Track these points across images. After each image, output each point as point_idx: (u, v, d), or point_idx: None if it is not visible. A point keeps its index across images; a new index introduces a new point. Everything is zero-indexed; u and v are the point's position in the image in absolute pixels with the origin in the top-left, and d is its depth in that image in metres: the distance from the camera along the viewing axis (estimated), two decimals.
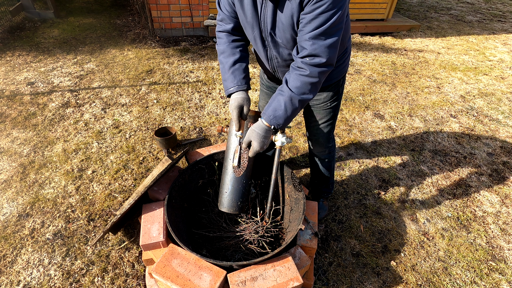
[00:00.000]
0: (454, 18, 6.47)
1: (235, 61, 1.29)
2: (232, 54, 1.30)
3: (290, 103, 1.14)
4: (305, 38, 1.06)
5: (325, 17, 1.00)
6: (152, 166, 2.39)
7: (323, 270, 1.77)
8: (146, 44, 4.36)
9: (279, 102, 1.15)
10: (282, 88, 1.17)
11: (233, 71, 1.28)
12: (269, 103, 1.20)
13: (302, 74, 1.11)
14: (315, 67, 1.09)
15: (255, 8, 1.18)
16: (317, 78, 1.11)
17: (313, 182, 2.03)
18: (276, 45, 1.26)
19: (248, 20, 1.22)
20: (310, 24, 1.03)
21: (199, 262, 1.26)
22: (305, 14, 1.04)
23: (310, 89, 1.14)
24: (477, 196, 2.31)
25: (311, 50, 1.06)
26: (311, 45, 1.06)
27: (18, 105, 2.95)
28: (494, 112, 3.34)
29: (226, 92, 1.31)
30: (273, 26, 1.18)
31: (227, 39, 1.32)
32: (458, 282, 1.75)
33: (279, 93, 1.17)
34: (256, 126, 1.21)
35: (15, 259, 1.73)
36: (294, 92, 1.13)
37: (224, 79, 1.31)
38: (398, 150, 2.72)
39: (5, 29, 4.32)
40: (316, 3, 1.00)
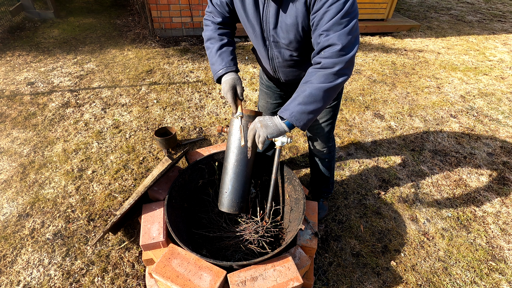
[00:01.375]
0: (454, 18, 6.47)
1: (222, 45, 1.30)
2: (219, 40, 1.31)
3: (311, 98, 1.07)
4: (319, 32, 1.03)
5: (337, 6, 0.98)
6: (152, 166, 2.39)
7: (323, 270, 1.77)
8: (146, 44, 4.36)
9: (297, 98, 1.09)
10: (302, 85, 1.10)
11: (220, 53, 1.28)
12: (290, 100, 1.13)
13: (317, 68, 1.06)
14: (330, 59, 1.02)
15: (256, 7, 1.18)
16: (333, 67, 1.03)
17: (313, 182, 2.03)
18: (278, 45, 1.26)
19: (250, 19, 1.22)
20: (323, 18, 1.01)
21: (199, 262, 1.26)
22: (316, 12, 1.03)
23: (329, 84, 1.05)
24: (477, 196, 2.31)
25: (324, 41, 1.02)
26: (324, 37, 1.02)
27: (18, 105, 2.95)
28: (494, 112, 3.34)
29: (215, 76, 1.29)
30: (275, 26, 1.18)
31: (214, 26, 1.34)
32: (458, 282, 1.75)
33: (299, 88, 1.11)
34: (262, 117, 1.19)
35: (15, 259, 1.73)
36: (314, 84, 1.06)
37: (212, 63, 1.30)
38: (398, 150, 2.72)
39: (5, 29, 4.32)
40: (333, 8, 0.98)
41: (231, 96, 1.26)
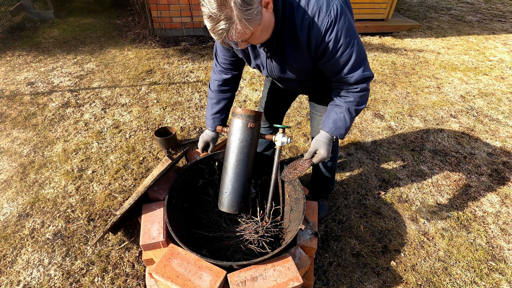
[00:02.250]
0: (454, 18, 6.47)
1: (218, 111, 1.56)
2: (217, 103, 1.56)
3: (349, 115, 1.24)
4: (346, 75, 1.16)
5: (349, 53, 1.09)
6: (152, 166, 2.38)
7: (323, 270, 1.77)
8: (146, 44, 4.36)
9: (338, 115, 1.24)
10: (336, 103, 1.27)
11: (213, 118, 1.57)
12: (326, 116, 1.29)
13: (354, 91, 1.21)
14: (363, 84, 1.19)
15: (259, 59, 1.27)
16: (367, 89, 1.21)
17: (313, 182, 2.03)
18: (287, 80, 1.36)
19: (255, 67, 1.35)
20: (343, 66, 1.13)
21: (199, 262, 1.26)
22: (328, 61, 1.13)
23: (365, 99, 1.25)
24: (477, 196, 2.31)
25: (355, 80, 1.16)
26: (352, 77, 1.15)
27: (18, 105, 2.95)
28: (494, 112, 3.34)
29: (206, 125, 1.61)
30: (282, 72, 1.28)
31: (218, 88, 1.53)
32: (458, 282, 1.75)
33: (336, 105, 1.26)
34: (321, 136, 1.28)
35: (15, 259, 1.73)
36: (353, 105, 1.23)
37: (206, 117, 1.60)
38: (398, 150, 2.72)
39: (5, 29, 4.32)
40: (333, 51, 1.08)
41: (201, 147, 1.61)
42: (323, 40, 1.06)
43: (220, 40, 0.96)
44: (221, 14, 0.87)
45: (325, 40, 1.06)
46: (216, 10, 0.86)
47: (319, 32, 1.04)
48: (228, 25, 0.89)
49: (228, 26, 0.89)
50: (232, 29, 0.90)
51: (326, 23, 1.02)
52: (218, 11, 0.86)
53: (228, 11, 0.86)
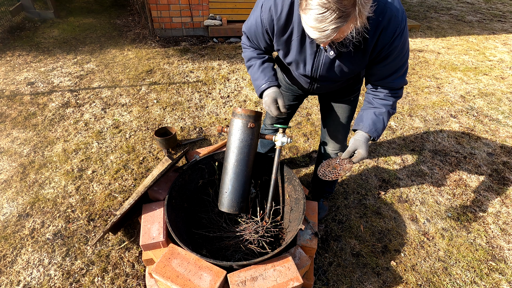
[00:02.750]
0: (454, 18, 6.47)
1: (264, 61, 1.35)
2: (260, 58, 1.36)
3: (387, 118, 1.29)
4: (393, 79, 1.20)
5: (402, 62, 1.15)
6: (152, 166, 2.39)
7: (323, 270, 1.77)
8: (146, 44, 4.36)
9: (378, 118, 1.28)
10: (376, 105, 1.29)
11: (262, 69, 1.33)
12: (365, 118, 1.30)
13: (394, 96, 1.27)
14: (402, 90, 1.29)
15: (303, 55, 1.21)
16: (401, 96, 1.31)
17: (316, 182, 2.02)
18: (324, 80, 1.32)
19: (292, 62, 1.27)
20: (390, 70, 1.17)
21: (199, 262, 1.26)
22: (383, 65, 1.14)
23: (396, 106, 1.32)
24: (477, 196, 2.31)
25: (400, 84, 1.23)
26: (400, 82, 1.21)
27: (18, 105, 2.95)
28: (494, 112, 3.34)
29: (257, 90, 1.35)
30: (328, 72, 1.24)
31: (253, 49, 1.38)
32: (458, 282, 1.75)
33: (375, 110, 1.29)
34: (360, 136, 1.28)
35: (15, 259, 1.73)
36: (391, 109, 1.29)
37: (255, 79, 1.35)
38: (398, 150, 2.72)
39: (5, 29, 4.32)
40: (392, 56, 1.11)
41: (275, 109, 1.29)
42: (391, 44, 1.07)
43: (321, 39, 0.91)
44: (342, 8, 0.81)
45: (393, 45, 1.07)
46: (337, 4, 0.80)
47: (389, 36, 1.05)
48: (343, 22, 0.84)
49: (342, 23, 0.84)
50: (344, 26, 0.86)
51: (398, 28, 1.04)
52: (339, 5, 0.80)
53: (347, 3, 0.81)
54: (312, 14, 0.85)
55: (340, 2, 0.80)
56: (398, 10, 1.03)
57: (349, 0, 0.81)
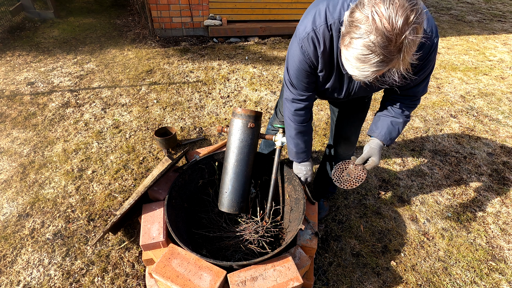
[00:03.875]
0: (454, 18, 6.47)
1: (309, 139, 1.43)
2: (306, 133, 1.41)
3: (403, 127, 1.33)
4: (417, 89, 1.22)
5: (430, 71, 1.15)
6: (152, 166, 2.38)
7: (323, 270, 1.77)
8: (146, 44, 4.36)
9: (394, 127, 1.31)
10: (392, 114, 1.32)
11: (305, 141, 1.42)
12: (380, 126, 1.32)
13: (412, 106, 1.30)
14: (420, 99, 1.31)
15: (341, 81, 1.21)
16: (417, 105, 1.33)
17: (319, 182, 2.02)
18: (353, 97, 1.33)
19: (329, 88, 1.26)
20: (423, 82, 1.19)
21: (199, 262, 1.26)
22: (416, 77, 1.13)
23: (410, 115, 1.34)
24: (477, 196, 2.31)
25: (422, 93, 1.25)
26: (420, 93, 1.24)
27: (18, 105, 2.95)
28: (494, 112, 3.34)
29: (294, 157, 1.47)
30: (361, 91, 1.24)
31: (301, 119, 1.35)
32: (458, 282, 1.75)
33: (392, 119, 1.31)
34: (375, 144, 1.31)
35: (15, 259, 1.73)
36: (406, 118, 1.32)
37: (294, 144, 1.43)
38: (398, 150, 2.72)
39: (5, 29, 4.32)
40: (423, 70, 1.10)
41: (303, 181, 1.48)
42: (427, 59, 1.07)
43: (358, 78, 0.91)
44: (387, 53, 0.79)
45: (427, 59, 1.07)
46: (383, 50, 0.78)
47: (426, 52, 1.04)
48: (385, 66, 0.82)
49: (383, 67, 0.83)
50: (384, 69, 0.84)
51: (433, 43, 1.04)
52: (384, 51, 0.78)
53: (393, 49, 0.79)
54: (355, 53, 0.83)
55: (385, 48, 0.77)
56: (433, 25, 1.02)
57: (395, 47, 0.78)
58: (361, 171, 1.31)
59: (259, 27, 4.71)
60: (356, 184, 1.31)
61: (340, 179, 1.33)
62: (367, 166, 1.31)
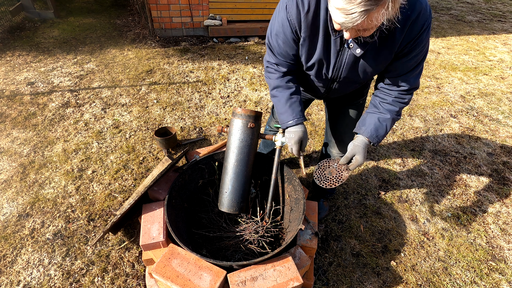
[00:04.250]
0: (454, 18, 6.47)
1: (292, 94, 1.29)
2: (287, 88, 1.30)
3: (391, 125, 1.26)
4: (405, 79, 1.18)
5: (421, 59, 1.12)
6: (152, 166, 2.39)
7: (323, 270, 1.77)
8: (146, 44, 4.36)
9: (382, 124, 1.25)
10: (380, 110, 1.26)
11: (290, 104, 1.29)
12: (367, 123, 1.26)
13: (402, 102, 1.24)
14: (411, 95, 1.24)
15: (327, 56, 1.17)
16: (409, 103, 1.26)
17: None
18: (344, 82, 1.29)
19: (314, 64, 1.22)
20: (414, 68, 1.14)
21: (199, 262, 1.26)
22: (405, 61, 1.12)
23: (401, 112, 1.29)
24: (477, 196, 2.31)
25: (411, 85, 1.19)
26: (411, 83, 1.18)
27: (18, 105, 2.95)
28: (494, 112, 3.34)
29: (283, 125, 1.32)
30: (351, 72, 1.20)
31: (279, 74, 1.31)
32: (458, 282, 1.75)
33: (380, 116, 1.26)
34: (360, 142, 1.25)
35: (15, 259, 1.73)
36: (396, 116, 1.26)
37: (280, 113, 1.31)
38: (398, 150, 2.72)
39: (5, 29, 4.32)
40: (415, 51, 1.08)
41: (297, 149, 1.30)
42: (417, 39, 1.04)
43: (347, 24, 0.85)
44: None
45: (419, 39, 1.04)
46: None
47: (417, 30, 1.02)
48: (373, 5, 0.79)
49: (371, 7, 0.79)
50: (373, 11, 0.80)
51: (426, 23, 1.01)
52: None
53: None
54: None
55: None
56: (427, 4, 1.01)
57: None
58: (343, 171, 1.28)
59: (259, 27, 4.71)
60: (336, 184, 1.27)
61: (321, 177, 1.30)
62: (351, 166, 1.27)
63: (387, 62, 1.15)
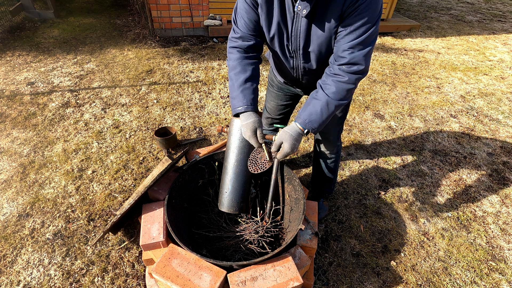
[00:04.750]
0: (454, 18, 6.47)
1: (246, 79, 1.24)
2: (243, 71, 1.25)
3: (327, 108, 1.15)
4: (344, 48, 1.10)
5: (364, 28, 1.05)
6: (152, 166, 2.39)
7: (323, 270, 1.77)
8: (146, 44, 4.36)
9: (315, 107, 1.15)
10: (317, 93, 1.18)
11: (243, 89, 1.23)
12: (303, 108, 1.19)
13: (339, 81, 1.13)
14: (353, 74, 1.12)
15: (284, 23, 1.17)
16: (354, 84, 1.14)
17: (315, 182, 2.03)
18: (306, 56, 1.26)
19: (274, 35, 1.21)
20: (350, 35, 1.07)
21: (199, 262, 1.26)
22: (346, 26, 1.07)
23: (346, 95, 1.16)
24: (477, 196, 2.31)
25: (350, 59, 1.10)
26: (349, 54, 1.09)
27: (18, 105, 2.95)
28: (494, 112, 3.34)
29: (233, 110, 1.25)
30: (306, 41, 1.18)
31: (240, 55, 1.27)
32: (458, 282, 1.75)
33: (314, 97, 1.17)
34: (289, 128, 1.18)
35: (15, 259, 1.73)
36: (331, 97, 1.15)
37: (232, 97, 1.25)
38: (398, 150, 2.72)
39: (5, 29, 4.32)
40: (357, 16, 1.03)
41: (255, 141, 1.23)
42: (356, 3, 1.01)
43: None
44: None
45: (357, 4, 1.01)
46: None
47: None
48: None
49: None
50: None
51: None
52: None
53: None
54: None
55: None
56: None
57: None
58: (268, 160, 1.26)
59: None
60: (259, 170, 1.25)
61: (252, 161, 1.30)
62: (278, 155, 1.21)
63: (334, 29, 1.11)
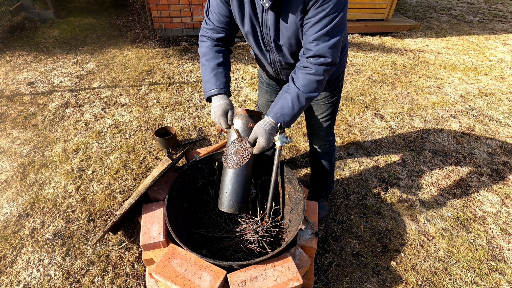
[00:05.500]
0: (454, 18, 6.47)
1: (218, 64, 1.27)
2: (215, 58, 1.28)
3: (297, 101, 1.16)
4: (310, 40, 1.10)
5: (328, 19, 1.05)
6: (152, 166, 2.39)
7: (323, 270, 1.77)
8: (146, 44, 4.36)
9: (286, 100, 1.17)
10: (289, 86, 1.19)
11: (215, 73, 1.26)
12: (275, 102, 1.21)
13: (308, 73, 1.14)
14: (321, 66, 1.12)
15: (255, 17, 1.18)
16: (322, 76, 1.14)
17: (313, 180, 2.03)
18: (279, 50, 1.27)
19: (248, 29, 1.23)
20: (314, 27, 1.07)
21: (199, 262, 1.26)
22: (309, 18, 1.07)
23: (316, 87, 1.16)
24: (477, 196, 2.31)
25: (316, 51, 1.10)
26: (315, 46, 1.10)
27: (18, 105, 2.95)
28: (494, 112, 3.34)
29: (205, 94, 1.27)
30: (276, 34, 1.19)
31: (211, 43, 1.30)
32: (458, 282, 1.75)
33: (286, 91, 1.19)
34: (263, 123, 1.20)
35: (15, 259, 1.73)
36: (301, 90, 1.16)
37: (205, 81, 1.28)
38: (398, 150, 2.72)
39: (5, 29, 4.32)
40: (319, 7, 1.03)
41: (224, 122, 1.23)
42: None
43: None
44: None
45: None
46: None
47: None
48: None
49: None
50: None
51: None
52: None
53: None
54: None
55: None
56: None
57: None
58: (245, 154, 1.25)
59: None
60: (235, 166, 1.25)
61: (227, 155, 1.30)
62: (254, 150, 1.22)
63: (300, 21, 1.11)
